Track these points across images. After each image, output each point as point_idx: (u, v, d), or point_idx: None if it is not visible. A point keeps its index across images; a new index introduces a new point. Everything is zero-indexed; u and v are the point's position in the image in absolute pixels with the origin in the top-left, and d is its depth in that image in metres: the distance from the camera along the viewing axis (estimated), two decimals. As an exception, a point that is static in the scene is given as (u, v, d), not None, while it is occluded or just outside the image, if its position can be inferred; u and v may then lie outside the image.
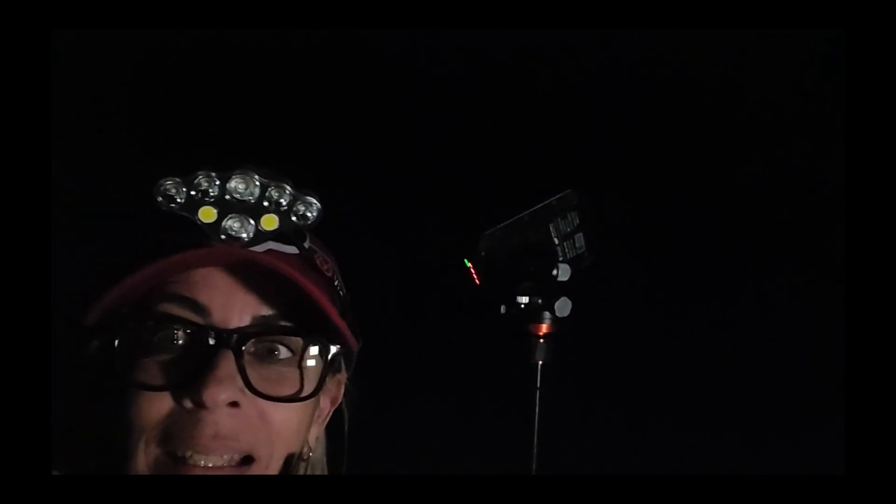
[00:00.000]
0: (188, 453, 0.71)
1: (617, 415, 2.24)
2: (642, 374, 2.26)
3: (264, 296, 0.75)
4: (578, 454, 2.02)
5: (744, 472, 2.08)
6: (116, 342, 0.72)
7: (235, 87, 2.15)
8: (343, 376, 0.87)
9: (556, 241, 1.51)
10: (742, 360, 2.27)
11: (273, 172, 0.76)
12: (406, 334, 2.16)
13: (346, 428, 0.88)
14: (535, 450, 1.47)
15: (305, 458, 0.82)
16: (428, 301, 2.24)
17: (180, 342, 0.73)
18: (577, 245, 1.53)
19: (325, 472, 0.88)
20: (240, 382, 0.71)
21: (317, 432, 0.85)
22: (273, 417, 0.74)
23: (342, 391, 0.88)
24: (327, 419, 0.87)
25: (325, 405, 0.86)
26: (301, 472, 0.83)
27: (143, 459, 0.72)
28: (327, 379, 0.80)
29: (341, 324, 0.75)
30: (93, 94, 1.96)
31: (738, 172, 2.30)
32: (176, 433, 0.71)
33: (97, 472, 0.76)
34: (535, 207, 1.51)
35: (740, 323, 2.29)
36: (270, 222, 0.75)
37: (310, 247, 0.80)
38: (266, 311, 0.75)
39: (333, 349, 0.77)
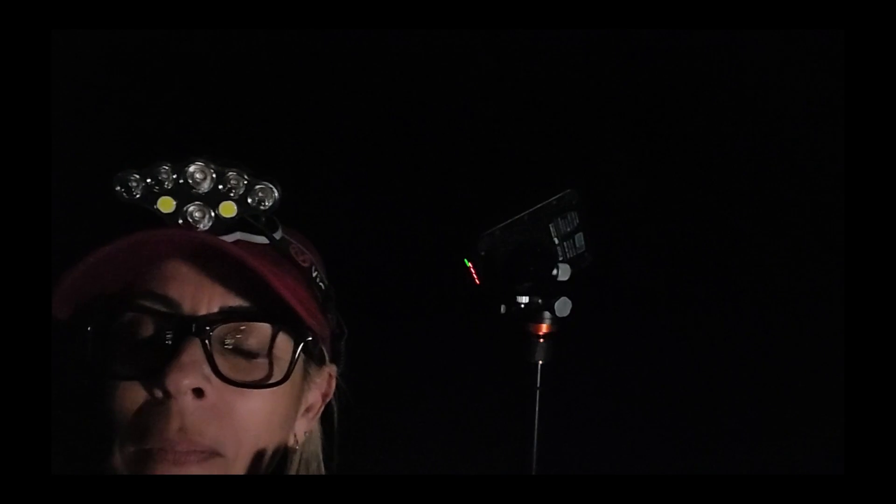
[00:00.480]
0: (157, 447, 0.71)
1: (617, 415, 2.24)
2: (642, 374, 2.26)
3: (233, 287, 0.75)
4: (578, 454, 2.03)
5: (744, 472, 2.08)
6: (88, 335, 0.73)
7: (236, 87, 2.15)
8: (333, 369, 0.86)
9: (556, 241, 1.51)
10: (742, 360, 2.27)
11: (229, 160, 0.77)
12: (406, 334, 2.17)
13: (335, 423, 0.88)
14: (535, 450, 1.47)
15: (294, 450, 0.82)
16: (427, 301, 2.24)
17: (149, 333, 0.73)
18: (577, 245, 1.53)
19: (321, 467, 0.88)
20: (206, 369, 0.71)
21: (306, 426, 0.84)
22: (239, 409, 0.73)
23: (333, 385, 0.87)
24: (319, 413, 0.87)
25: (316, 399, 0.85)
26: (294, 465, 0.82)
27: (119, 458, 0.72)
28: (311, 368, 0.81)
29: (302, 311, 0.74)
30: (93, 94, 1.96)
31: (737, 172, 2.30)
32: (146, 427, 0.71)
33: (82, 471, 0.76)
34: (535, 207, 1.51)
35: (740, 323, 2.29)
36: (229, 209, 0.76)
37: (282, 237, 0.80)
38: (235, 301, 0.75)
39: (303, 337, 0.77)
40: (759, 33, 1.88)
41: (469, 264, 1.50)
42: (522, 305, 1.47)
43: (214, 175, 0.75)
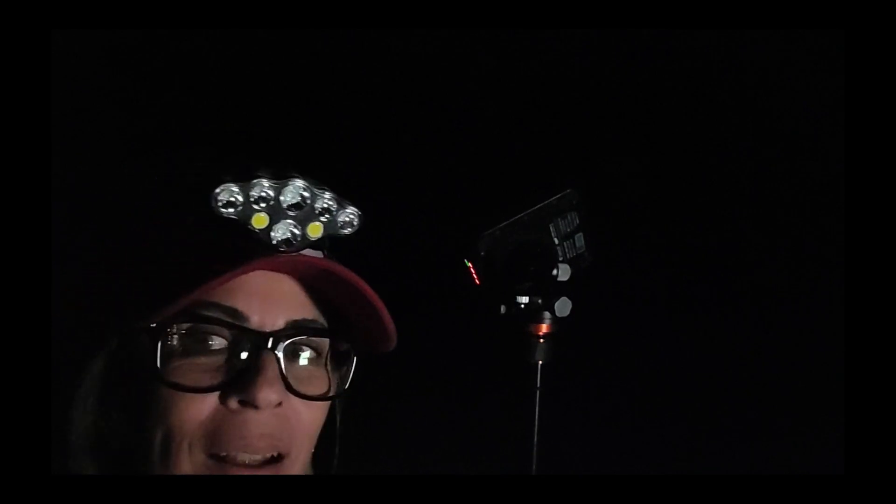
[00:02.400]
0: (234, 452, 0.73)
1: (617, 415, 2.24)
2: (642, 373, 2.26)
3: (298, 301, 0.78)
4: (578, 454, 2.02)
5: (744, 472, 2.08)
6: (158, 345, 0.72)
7: (235, 87, 2.15)
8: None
9: (556, 241, 1.51)
10: (742, 359, 2.27)
11: (317, 182, 0.78)
12: (406, 334, 2.16)
13: (337, 427, 0.89)
14: (535, 450, 1.47)
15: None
16: (427, 301, 2.24)
17: (221, 345, 0.74)
18: (577, 245, 1.54)
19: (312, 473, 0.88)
20: (282, 384, 0.74)
21: None
22: (304, 416, 0.77)
23: None
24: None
25: None
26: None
27: (188, 462, 0.72)
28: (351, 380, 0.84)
29: (390, 323, 0.81)
30: (93, 94, 1.96)
31: (737, 172, 2.30)
32: (221, 435, 0.72)
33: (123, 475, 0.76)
34: (535, 207, 1.51)
35: (740, 323, 2.29)
36: (316, 230, 0.78)
37: (329, 255, 0.83)
38: (299, 315, 0.77)
39: (360, 350, 0.82)
40: (759, 33, 1.88)
41: (469, 264, 1.50)
42: (522, 305, 1.48)
43: (308, 195, 0.76)
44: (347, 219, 0.79)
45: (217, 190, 0.73)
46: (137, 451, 0.74)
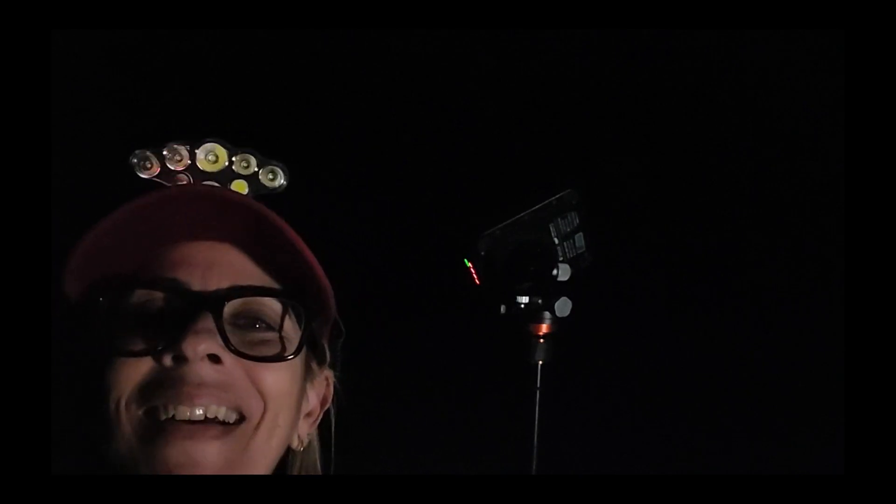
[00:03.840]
0: (171, 408, 0.71)
1: (617, 415, 2.24)
2: (642, 374, 2.26)
3: (242, 268, 0.77)
4: (578, 454, 2.02)
5: (744, 472, 2.08)
6: (99, 312, 0.74)
7: (235, 88, 2.15)
8: (330, 374, 0.87)
9: (556, 241, 1.52)
10: (742, 359, 2.27)
11: (240, 142, 0.80)
12: (406, 334, 2.16)
13: (333, 428, 0.88)
14: (535, 450, 1.48)
15: (297, 453, 0.83)
16: (427, 301, 2.24)
17: (160, 310, 0.74)
18: (577, 245, 1.54)
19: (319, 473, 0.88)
20: (219, 340, 0.72)
21: (308, 429, 0.85)
22: (263, 376, 0.74)
23: (331, 391, 0.88)
24: (318, 419, 0.87)
25: (314, 404, 0.86)
26: (296, 468, 0.84)
27: (127, 422, 0.72)
28: (313, 364, 0.82)
29: (322, 275, 0.77)
30: (93, 94, 1.96)
31: (737, 172, 2.30)
32: (157, 390, 0.71)
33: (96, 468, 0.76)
34: (535, 207, 1.51)
35: (740, 323, 2.29)
36: (240, 187, 0.79)
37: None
38: (244, 282, 0.76)
39: (314, 311, 0.79)
40: (759, 33, 1.88)
41: (469, 264, 1.50)
42: (522, 305, 1.48)
43: (228, 154, 0.78)
44: (271, 174, 0.80)
45: (133, 153, 0.77)
46: (90, 418, 0.74)
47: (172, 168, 0.77)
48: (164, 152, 0.77)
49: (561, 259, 1.50)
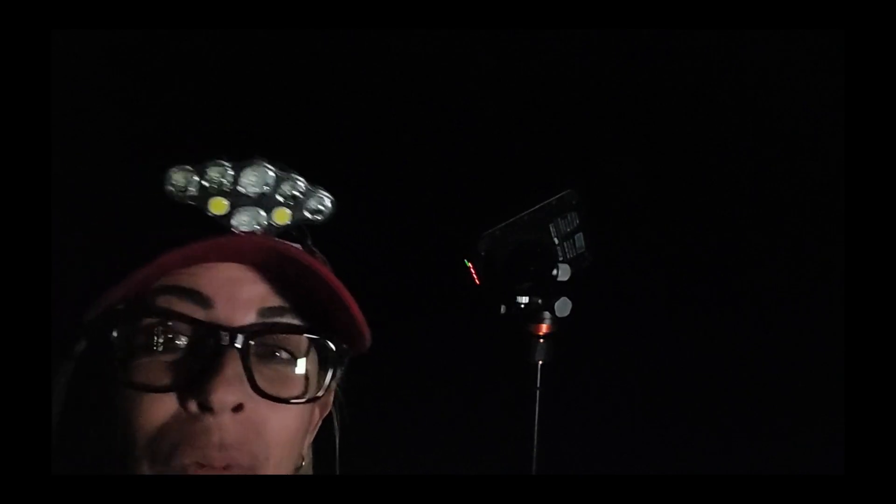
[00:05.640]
0: (189, 463, 0.67)
1: (617, 415, 2.24)
2: (642, 373, 2.26)
3: (269, 289, 0.72)
4: (578, 454, 2.02)
5: (744, 472, 2.08)
6: (114, 339, 0.68)
7: (235, 88, 2.15)
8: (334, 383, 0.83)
9: (556, 241, 1.52)
10: (742, 359, 2.27)
11: (285, 166, 0.74)
12: (406, 334, 2.16)
13: (336, 438, 0.85)
14: (535, 450, 1.48)
15: (298, 468, 0.80)
16: (427, 301, 2.24)
17: (183, 340, 0.69)
18: (577, 245, 1.54)
19: None
20: (247, 386, 0.67)
21: (308, 440, 0.82)
22: (272, 423, 0.70)
23: (331, 398, 0.85)
24: (317, 429, 0.84)
25: (317, 415, 0.83)
26: None
27: (144, 464, 0.68)
28: (333, 384, 0.78)
29: (358, 312, 0.72)
30: (93, 94, 1.96)
31: (737, 172, 2.30)
32: (179, 443, 0.67)
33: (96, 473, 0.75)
34: (535, 207, 1.51)
35: (740, 322, 2.29)
36: (283, 216, 0.72)
37: (311, 247, 0.78)
38: (271, 303, 0.71)
39: (341, 347, 0.74)
40: (759, 33, 1.88)
41: (469, 264, 1.50)
42: (522, 305, 1.48)
43: (272, 179, 0.71)
44: (317, 204, 0.73)
45: (170, 171, 0.70)
46: (100, 456, 0.70)
47: (212, 189, 0.69)
48: (205, 178, 0.69)
49: (561, 259, 1.50)
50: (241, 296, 0.70)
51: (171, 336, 0.69)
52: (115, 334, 0.68)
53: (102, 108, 1.97)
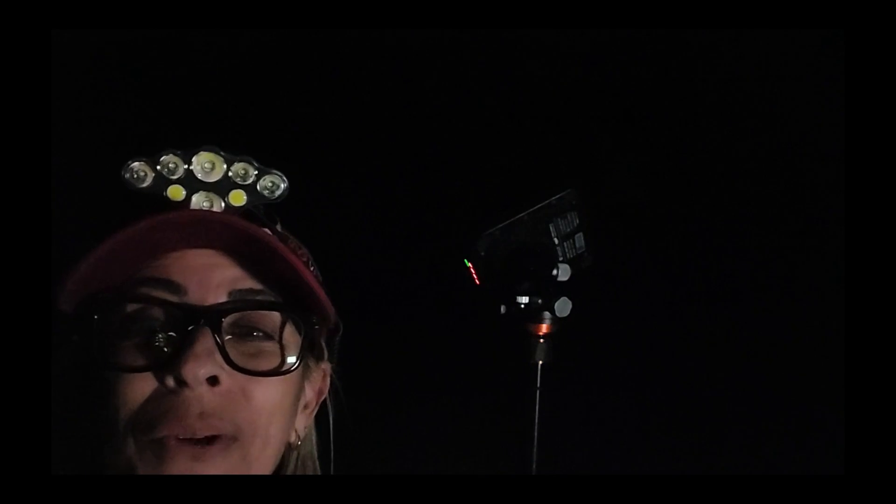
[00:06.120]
0: (173, 435, 0.70)
1: (617, 415, 2.24)
2: (642, 374, 2.26)
3: (240, 273, 0.75)
4: (578, 454, 2.03)
5: (744, 472, 2.08)
6: (95, 325, 0.72)
7: (235, 88, 2.15)
8: (327, 366, 0.86)
9: (556, 241, 1.51)
10: (742, 359, 2.27)
11: (237, 150, 0.77)
12: (406, 334, 2.17)
13: (330, 421, 0.87)
14: (535, 450, 1.47)
15: (294, 446, 0.82)
16: (427, 300, 2.24)
17: (157, 323, 0.73)
18: (577, 245, 1.54)
19: (317, 468, 0.87)
20: (219, 358, 0.71)
21: (304, 422, 0.85)
22: (254, 393, 0.73)
23: (328, 383, 0.87)
24: (315, 411, 0.87)
25: (311, 397, 0.85)
26: (291, 464, 0.83)
27: (132, 445, 0.71)
28: (310, 361, 0.81)
29: (317, 287, 0.75)
30: (93, 94, 1.96)
31: (737, 172, 2.30)
32: (160, 416, 0.70)
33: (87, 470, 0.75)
34: (535, 207, 1.51)
35: (740, 323, 2.29)
36: (238, 198, 0.76)
37: (282, 232, 0.81)
38: (242, 286, 0.75)
39: (311, 322, 0.77)
40: (759, 33, 1.88)
41: (469, 264, 1.50)
42: (522, 305, 1.48)
43: (224, 164, 0.75)
44: (270, 184, 0.76)
45: (127, 163, 0.74)
46: (90, 438, 0.73)
47: (167, 177, 0.74)
48: (158, 165, 0.74)
49: (561, 259, 1.50)
50: (212, 280, 0.74)
51: (147, 321, 0.73)
52: (94, 323, 0.72)
53: (102, 109, 1.97)
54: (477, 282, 1.51)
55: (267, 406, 0.74)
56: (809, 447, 2.02)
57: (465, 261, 1.51)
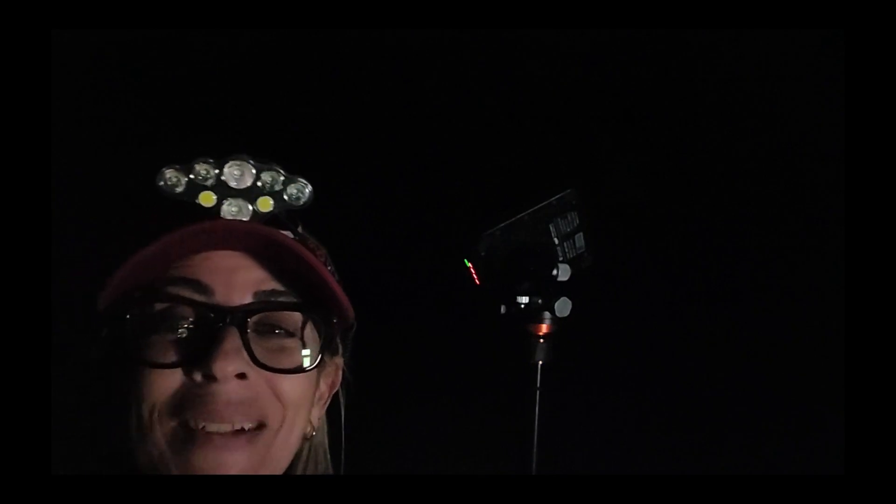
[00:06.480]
0: (202, 423, 0.74)
1: (617, 415, 2.24)
2: (642, 374, 2.26)
3: (264, 274, 0.79)
4: (578, 454, 2.02)
5: (744, 472, 2.08)
6: (128, 323, 0.76)
7: (235, 88, 2.15)
8: (340, 361, 0.90)
9: (556, 241, 1.52)
10: (742, 359, 2.27)
11: (265, 158, 0.81)
12: (406, 334, 2.16)
13: (342, 413, 0.91)
14: (535, 450, 1.48)
15: (308, 437, 0.86)
16: (427, 300, 2.24)
17: (187, 321, 0.77)
18: (577, 245, 1.54)
19: (328, 457, 0.90)
20: (246, 356, 0.75)
21: (318, 413, 0.88)
22: (282, 386, 0.78)
23: (340, 376, 0.91)
24: (327, 403, 0.90)
25: (324, 389, 0.89)
26: (304, 454, 0.86)
27: (160, 431, 0.74)
28: (326, 356, 0.84)
29: (338, 289, 0.79)
30: (92, 94, 1.96)
31: (737, 172, 2.30)
32: (188, 405, 0.74)
33: (105, 460, 0.77)
34: (535, 207, 1.51)
35: (740, 323, 2.29)
36: (266, 204, 0.80)
37: (302, 233, 0.85)
38: (266, 287, 0.79)
39: (331, 321, 0.82)
40: (759, 33, 1.88)
41: (469, 264, 1.50)
42: (522, 305, 1.48)
43: (254, 171, 0.80)
44: (296, 192, 0.81)
45: (162, 170, 0.77)
46: (118, 427, 0.76)
47: (200, 184, 0.78)
48: (192, 173, 0.78)
49: (561, 259, 1.50)
50: (237, 281, 0.78)
51: (177, 319, 0.77)
52: (128, 319, 0.76)
53: (102, 109, 1.97)
54: (477, 282, 1.51)
55: (293, 399, 0.79)
56: (809, 447, 2.02)
57: (466, 261, 1.51)
